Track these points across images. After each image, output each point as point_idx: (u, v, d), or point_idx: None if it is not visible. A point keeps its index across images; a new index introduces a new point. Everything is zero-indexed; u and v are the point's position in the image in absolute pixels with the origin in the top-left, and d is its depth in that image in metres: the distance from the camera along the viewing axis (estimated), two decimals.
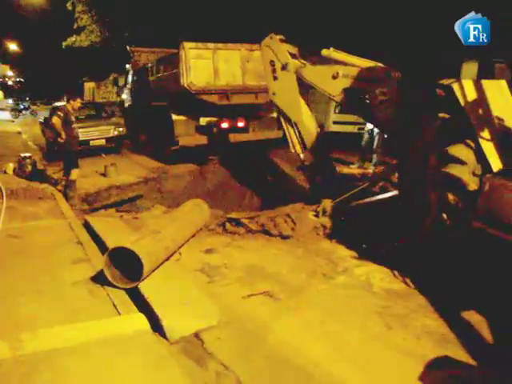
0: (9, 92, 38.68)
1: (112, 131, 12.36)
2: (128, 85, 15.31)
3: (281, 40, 6.29)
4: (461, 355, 2.90)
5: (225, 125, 10.39)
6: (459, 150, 4.02)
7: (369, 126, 9.27)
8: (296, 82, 6.13)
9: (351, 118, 11.60)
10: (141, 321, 3.25)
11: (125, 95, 16.24)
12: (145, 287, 3.65)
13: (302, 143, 6.37)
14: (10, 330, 3.07)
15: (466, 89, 4.06)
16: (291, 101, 6.30)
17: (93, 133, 11.84)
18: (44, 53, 40.53)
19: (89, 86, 33.21)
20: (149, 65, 12.53)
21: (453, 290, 3.66)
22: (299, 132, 6.34)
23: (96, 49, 27.04)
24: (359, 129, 10.90)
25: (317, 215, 5.45)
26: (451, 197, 4.00)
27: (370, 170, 8.73)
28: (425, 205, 4.32)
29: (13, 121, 24.70)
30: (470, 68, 4.15)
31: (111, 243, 4.20)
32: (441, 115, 4.30)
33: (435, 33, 9.03)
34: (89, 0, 25.61)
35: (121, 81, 17.12)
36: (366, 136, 9.42)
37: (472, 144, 4.00)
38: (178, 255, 4.56)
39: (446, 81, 4.22)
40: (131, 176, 9.34)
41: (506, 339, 3.10)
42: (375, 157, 9.26)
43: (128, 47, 14.90)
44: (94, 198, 7.92)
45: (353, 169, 9.09)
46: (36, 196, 6.95)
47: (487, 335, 3.14)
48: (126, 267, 3.73)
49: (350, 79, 5.31)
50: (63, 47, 27.59)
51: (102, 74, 30.40)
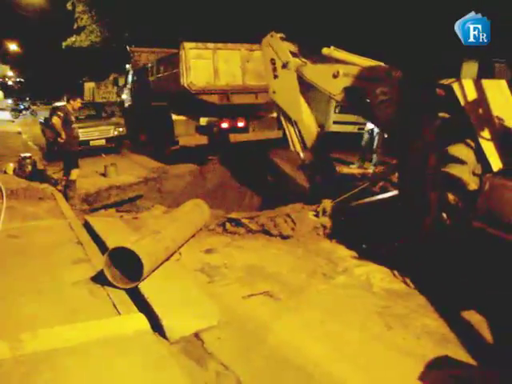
0: (9, 92, 38.70)
1: (112, 131, 12.36)
2: (128, 85, 15.31)
3: (281, 38, 6.27)
4: (461, 355, 2.90)
5: (225, 125, 10.40)
6: (459, 150, 4.02)
7: (369, 126, 9.28)
8: (296, 81, 6.10)
9: (351, 118, 11.62)
10: (141, 321, 3.25)
11: (125, 95, 16.25)
12: (145, 287, 3.65)
13: (302, 142, 6.36)
14: (10, 330, 3.07)
15: (466, 88, 4.06)
16: (291, 99, 6.28)
17: (93, 133, 11.84)
18: (44, 53, 40.54)
19: (89, 86, 33.21)
20: (149, 65, 12.53)
21: (453, 290, 3.66)
22: (299, 131, 6.33)
23: (96, 49, 27.05)
24: (359, 129, 10.90)
25: (317, 215, 5.45)
26: (451, 196, 4.00)
27: (370, 170, 8.72)
28: (425, 205, 4.32)
29: (13, 121, 24.72)
30: (470, 68, 4.16)
31: (111, 243, 4.20)
32: (441, 115, 4.30)
33: (435, 33, 9.04)
34: (89, 0, 25.62)
35: (121, 81, 17.14)
36: (366, 136, 9.42)
37: (472, 144, 4.00)
38: (178, 255, 4.56)
39: (446, 80, 4.21)
40: (131, 176, 9.33)
41: (506, 339, 3.10)
42: (375, 157, 9.26)
43: (128, 47, 14.92)
44: (94, 198, 7.93)
45: (353, 169, 9.08)
46: (36, 196, 6.95)
47: (487, 335, 3.14)
48: (126, 267, 3.73)
49: (351, 78, 5.29)
50: (63, 47, 27.60)
51: (102, 74, 30.41)
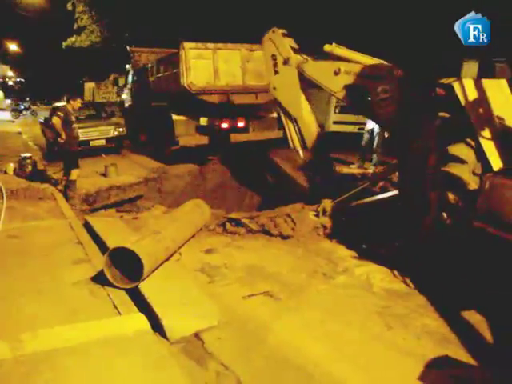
0: (9, 92, 38.70)
1: (112, 131, 12.35)
2: (128, 85, 15.32)
3: (283, 34, 6.23)
4: (461, 355, 2.90)
5: (225, 125, 10.40)
6: (459, 149, 4.02)
7: (369, 126, 9.27)
8: (297, 77, 6.07)
9: (351, 118, 11.61)
10: (141, 321, 3.25)
11: (125, 95, 16.27)
12: (145, 287, 3.65)
13: (302, 139, 6.35)
14: (11, 330, 3.07)
15: (467, 88, 4.06)
16: (292, 96, 6.25)
17: (93, 133, 11.84)
18: (44, 53, 40.58)
19: (89, 86, 33.23)
20: (149, 65, 12.54)
21: (453, 290, 3.66)
22: (299, 128, 6.31)
23: (96, 49, 27.06)
24: (359, 129, 10.89)
25: (317, 215, 5.44)
26: (451, 196, 4.00)
27: (370, 170, 8.72)
28: (425, 204, 4.32)
29: (13, 121, 24.72)
30: (471, 68, 4.14)
31: (111, 243, 4.21)
32: (441, 114, 4.30)
33: (435, 33, 9.03)
34: (89, 0, 25.62)
35: (121, 81, 17.14)
36: (366, 136, 9.41)
37: (472, 143, 4.00)
38: (178, 255, 4.56)
39: (447, 80, 4.21)
40: (131, 176, 9.33)
41: (507, 339, 3.10)
42: (375, 157, 9.25)
43: (128, 47, 14.92)
44: (94, 198, 7.93)
45: (353, 169, 9.08)
46: (36, 196, 6.95)
47: (487, 335, 3.14)
48: (127, 267, 3.73)
49: (352, 76, 5.26)
50: (63, 47, 27.61)
51: (102, 74, 30.44)
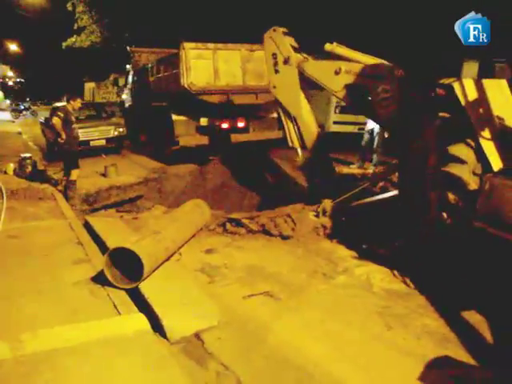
0: (9, 93, 38.73)
1: (112, 131, 12.36)
2: (128, 85, 15.33)
3: (284, 33, 6.20)
4: (461, 355, 2.90)
5: (225, 125, 10.40)
6: (459, 150, 4.02)
7: (369, 126, 9.27)
8: (297, 77, 6.05)
9: (351, 118, 11.61)
10: (141, 321, 3.25)
11: (125, 95, 16.28)
12: (145, 287, 3.65)
13: (301, 139, 6.35)
14: (11, 331, 3.07)
15: (467, 88, 4.06)
16: (292, 95, 6.23)
17: (93, 133, 11.84)
18: (44, 53, 40.60)
19: (89, 86, 33.25)
20: (149, 65, 12.54)
21: (453, 290, 3.66)
22: (298, 127, 6.30)
23: (96, 49, 27.07)
24: (359, 129, 10.89)
25: (317, 215, 5.44)
26: (451, 196, 4.00)
27: (370, 170, 8.72)
28: (425, 204, 4.32)
29: (13, 121, 24.75)
30: (471, 68, 4.15)
31: (112, 243, 4.21)
32: (441, 115, 4.30)
33: (435, 33, 9.04)
34: (89, 0, 25.63)
35: (121, 81, 17.16)
36: (366, 136, 9.41)
37: (472, 143, 4.00)
38: (179, 255, 4.56)
39: (447, 80, 4.21)
40: (131, 176, 9.33)
41: (507, 339, 3.10)
42: (375, 157, 9.25)
43: (128, 47, 14.93)
44: (95, 199, 7.93)
45: (353, 169, 9.07)
46: (36, 196, 6.96)
47: (488, 335, 3.14)
48: (127, 267, 3.73)
49: (353, 75, 5.23)
50: (63, 47, 27.62)
51: (102, 74, 30.45)
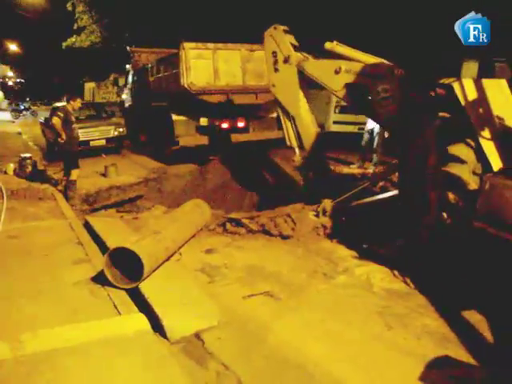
0: (9, 93, 38.72)
1: (112, 131, 12.36)
2: (128, 85, 15.33)
3: (285, 31, 6.18)
4: (461, 355, 2.90)
5: (225, 125, 10.41)
6: (459, 149, 4.02)
7: (369, 126, 9.27)
8: (297, 76, 6.03)
9: (351, 118, 11.63)
10: (141, 321, 3.26)
11: (125, 95, 16.28)
12: (145, 287, 3.65)
13: (299, 138, 6.34)
14: (11, 331, 3.07)
15: (467, 88, 4.06)
16: (291, 94, 6.21)
17: (93, 133, 11.85)
18: (44, 53, 40.60)
19: (89, 86, 33.29)
20: (149, 65, 12.54)
21: (453, 290, 3.66)
22: (296, 126, 6.28)
23: (96, 49, 27.07)
24: (359, 129, 10.90)
25: (317, 215, 5.44)
26: (451, 196, 4.00)
27: (370, 170, 8.72)
28: (425, 204, 4.32)
29: (13, 121, 24.74)
30: (471, 68, 4.15)
31: (112, 243, 4.21)
32: (441, 115, 4.30)
33: (435, 33, 9.03)
34: (89, 0, 25.63)
35: (121, 81, 17.18)
36: (366, 136, 9.41)
37: (472, 143, 4.00)
38: (179, 255, 4.56)
39: (447, 80, 4.21)
40: (131, 176, 9.34)
41: (507, 339, 3.10)
42: (375, 157, 9.25)
43: (128, 47, 14.92)
44: (95, 199, 7.93)
45: (353, 169, 9.08)
46: (36, 196, 6.96)
47: (488, 335, 3.14)
48: (127, 267, 3.73)
49: (353, 75, 5.22)
50: (63, 48, 27.62)
51: (102, 74, 30.48)
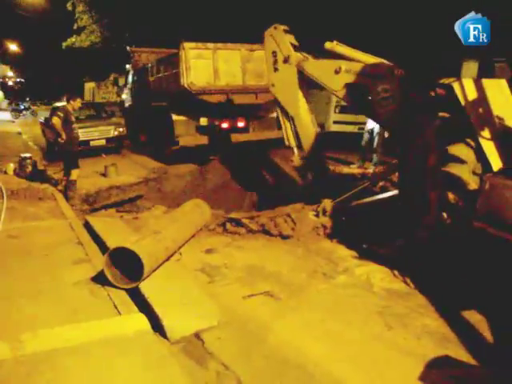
0: (9, 93, 38.71)
1: (112, 131, 12.36)
2: (128, 85, 15.33)
3: (285, 31, 6.18)
4: (461, 355, 2.90)
5: (225, 125, 10.41)
6: (459, 149, 4.03)
7: (369, 126, 9.27)
8: (296, 76, 6.03)
9: (351, 118, 11.64)
10: (141, 321, 3.26)
11: (125, 95, 16.27)
12: (145, 287, 3.65)
13: (297, 138, 6.34)
14: (11, 331, 3.07)
15: (467, 88, 4.06)
16: (290, 94, 6.21)
17: (93, 133, 11.85)
18: (44, 53, 40.62)
19: (89, 86, 33.29)
20: (149, 65, 12.55)
21: (453, 290, 3.66)
22: (295, 127, 6.28)
23: (96, 49, 27.07)
24: (359, 128, 10.90)
25: (317, 215, 5.44)
26: (451, 196, 4.01)
27: (370, 170, 8.72)
28: (425, 204, 4.32)
29: (13, 121, 24.73)
30: (471, 68, 4.15)
31: (112, 243, 4.21)
32: (441, 115, 4.30)
33: (435, 33, 9.04)
34: (89, 0, 25.63)
35: (121, 81, 17.17)
36: (366, 136, 9.41)
37: (472, 143, 4.00)
38: (179, 255, 4.56)
39: (447, 80, 4.22)
40: (131, 176, 9.34)
41: (507, 339, 3.10)
42: (375, 156, 9.26)
43: (128, 47, 14.92)
44: (95, 199, 7.92)
45: (353, 168, 9.08)
46: (36, 196, 6.96)
47: (488, 335, 3.14)
48: (127, 267, 3.73)
49: (353, 75, 5.21)
50: (63, 47, 27.62)
51: (102, 74, 30.48)
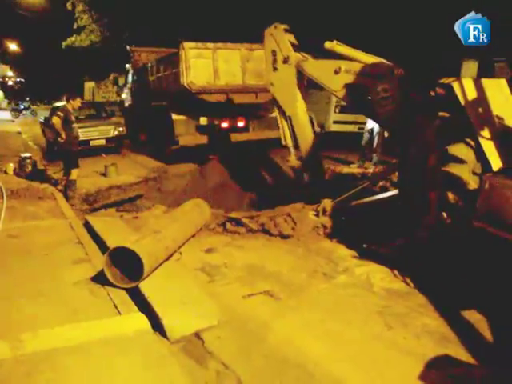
0: (9, 92, 38.66)
1: (112, 131, 12.35)
2: (128, 84, 15.31)
3: (285, 30, 6.16)
4: (461, 354, 2.90)
5: (225, 124, 10.41)
6: (459, 149, 4.02)
7: (369, 126, 9.28)
8: (295, 76, 6.02)
9: (351, 118, 11.64)
10: (141, 320, 3.26)
11: (125, 95, 16.25)
12: (145, 287, 3.65)
13: (294, 138, 6.34)
14: (11, 330, 3.07)
15: (466, 88, 4.06)
16: (288, 94, 6.20)
17: (93, 133, 11.83)
18: (44, 53, 40.62)
19: (89, 86, 33.30)
20: (149, 64, 12.54)
21: (453, 290, 3.66)
22: (292, 126, 6.28)
23: (96, 49, 27.07)
24: (359, 128, 10.91)
25: (317, 215, 5.44)
26: (451, 196, 4.00)
27: (370, 170, 8.72)
28: (425, 204, 4.32)
29: (13, 121, 24.71)
30: (470, 67, 4.16)
31: (112, 243, 4.21)
32: (441, 114, 4.30)
33: (435, 33, 9.04)
34: (89, 0, 25.63)
35: (121, 80, 17.15)
36: (366, 136, 9.42)
37: (472, 143, 4.00)
38: (179, 255, 4.56)
39: (447, 80, 4.21)
40: (131, 176, 9.33)
41: (507, 338, 3.10)
42: (375, 156, 9.26)
43: (128, 47, 14.90)
44: (95, 198, 7.92)
45: (353, 168, 9.09)
46: (36, 196, 6.96)
47: (487, 334, 3.14)
48: (127, 267, 3.74)
49: (353, 75, 5.20)
50: (63, 47, 27.62)
51: (102, 74, 30.48)
